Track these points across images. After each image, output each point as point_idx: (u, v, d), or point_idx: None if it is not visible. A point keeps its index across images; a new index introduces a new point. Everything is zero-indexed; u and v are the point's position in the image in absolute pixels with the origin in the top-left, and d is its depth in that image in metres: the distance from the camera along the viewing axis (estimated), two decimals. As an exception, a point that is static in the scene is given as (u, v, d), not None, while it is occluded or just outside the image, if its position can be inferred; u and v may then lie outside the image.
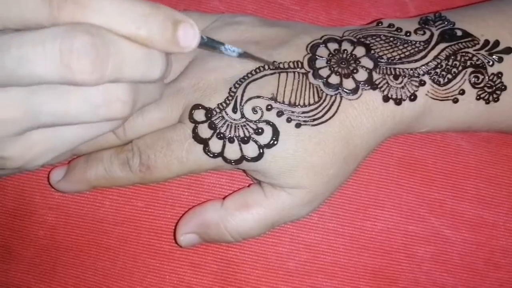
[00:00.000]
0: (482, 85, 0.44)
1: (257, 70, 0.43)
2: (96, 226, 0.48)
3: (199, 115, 0.42)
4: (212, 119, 0.42)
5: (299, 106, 0.42)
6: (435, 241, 0.48)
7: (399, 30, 0.45)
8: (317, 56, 0.44)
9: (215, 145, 0.42)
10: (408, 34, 0.45)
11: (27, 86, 0.34)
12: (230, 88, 0.43)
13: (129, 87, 0.36)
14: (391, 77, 0.43)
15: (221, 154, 0.42)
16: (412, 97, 0.43)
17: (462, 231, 0.48)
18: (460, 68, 0.44)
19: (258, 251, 0.47)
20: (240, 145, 0.42)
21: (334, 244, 0.48)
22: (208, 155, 0.42)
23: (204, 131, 0.42)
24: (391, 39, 0.45)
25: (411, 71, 0.44)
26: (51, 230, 0.48)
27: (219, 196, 0.48)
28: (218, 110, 0.42)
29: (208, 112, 0.42)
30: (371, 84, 0.43)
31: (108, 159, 0.44)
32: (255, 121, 0.42)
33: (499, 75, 0.44)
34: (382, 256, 0.48)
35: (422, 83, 0.43)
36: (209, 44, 0.40)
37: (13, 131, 0.35)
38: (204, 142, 0.42)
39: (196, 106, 0.43)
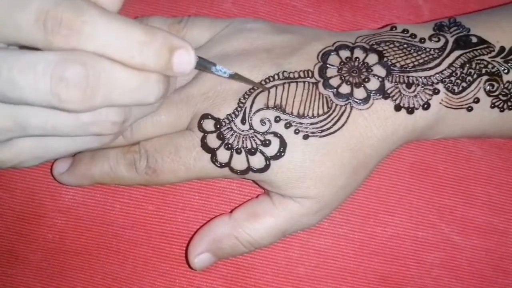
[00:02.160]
0: (497, 93, 0.44)
1: (267, 80, 0.43)
2: (106, 229, 0.48)
3: (208, 125, 0.42)
4: (221, 130, 0.42)
5: (307, 117, 0.42)
6: (445, 247, 0.48)
7: (413, 36, 0.45)
8: (328, 65, 0.43)
9: (223, 155, 0.42)
10: (422, 40, 0.44)
11: (17, 104, 0.34)
12: (240, 99, 0.42)
13: (120, 109, 0.36)
14: (403, 85, 0.43)
15: (228, 165, 0.42)
16: (426, 105, 0.43)
17: (471, 238, 0.48)
18: (475, 76, 0.43)
19: (268, 256, 0.47)
20: (247, 156, 0.42)
21: (344, 250, 0.48)
22: (215, 164, 0.42)
23: (213, 141, 0.42)
24: (405, 45, 0.44)
25: (425, 80, 0.43)
26: (60, 233, 0.48)
27: (230, 200, 0.48)
28: (227, 121, 0.42)
29: (217, 122, 0.42)
30: (383, 93, 0.42)
31: (115, 158, 0.44)
32: (263, 133, 0.42)
33: None
34: (391, 262, 0.48)
35: (436, 92, 0.43)
36: (201, 64, 0.39)
37: (2, 138, 0.36)
38: (212, 152, 0.42)
39: (206, 116, 0.42)
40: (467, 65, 0.43)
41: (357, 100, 0.42)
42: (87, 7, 0.32)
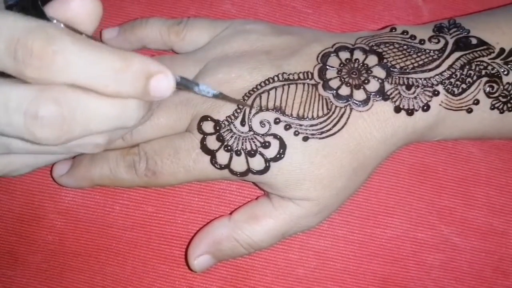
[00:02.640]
0: (496, 94, 0.44)
1: (266, 82, 0.43)
2: (105, 231, 0.48)
3: (208, 126, 0.42)
4: (221, 132, 0.42)
5: (307, 119, 0.42)
6: (444, 249, 0.48)
7: (413, 38, 0.45)
8: (327, 66, 0.43)
9: (222, 157, 0.42)
10: (422, 42, 0.44)
11: None
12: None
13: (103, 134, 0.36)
14: (403, 87, 0.43)
15: (227, 166, 0.42)
16: (425, 107, 0.43)
17: (471, 239, 0.48)
18: (475, 77, 0.43)
19: (268, 257, 0.47)
20: (246, 158, 0.42)
21: (344, 251, 0.48)
22: (215, 166, 0.42)
23: (212, 143, 0.42)
24: (405, 47, 0.44)
25: (425, 81, 0.43)
26: (59, 235, 0.48)
27: (229, 201, 0.48)
28: (226, 123, 0.42)
29: (217, 124, 0.42)
30: (382, 94, 0.42)
31: (114, 160, 0.44)
32: (262, 135, 0.42)
33: None
34: (391, 263, 0.48)
35: (436, 93, 0.43)
36: (183, 84, 0.37)
37: None
38: (212, 154, 0.42)
39: (205, 118, 0.42)
40: (467, 67, 0.43)
41: (356, 102, 0.42)
42: (59, 35, 0.31)
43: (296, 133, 0.42)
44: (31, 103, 0.31)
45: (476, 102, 0.44)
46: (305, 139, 0.42)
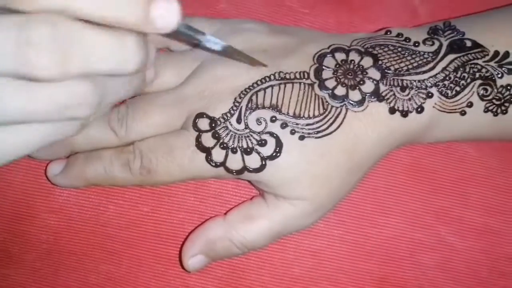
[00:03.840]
0: (490, 97, 0.44)
1: (263, 80, 0.43)
2: (100, 230, 0.48)
3: (203, 124, 0.42)
4: (216, 129, 0.42)
5: (303, 118, 0.42)
6: (441, 249, 0.48)
7: (407, 40, 0.45)
8: (323, 67, 0.43)
9: (218, 154, 0.42)
10: (416, 44, 0.44)
11: None
12: (235, 98, 0.42)
13: (93, 86, 0.32)
14: (398, 88, 0.43)
15: (223, 164, 0.42)
16: (419, 109, 0.43)
17: (467, 239, 0.48)
18: (468, 80, 0.43)
19: (264, 257, 0.47)
20: (242, 155, 0.42)
21: (340, 251, 0.48)
22: (210, 164, 0.42)
23: (208, 140, 0.42)
24: (399, 49, 0.44)
25: (419, 83, 0.43)
26: (54, 234, 0.48)
27: (225, 201, 0.48)
28: (222, 120, 0.42)
29: (213, 121, 0.42)
30: (377, 95, 0.42)
31: (109, 159, 0.44)
32: (258, 133, 0.42)
33: (508, 87, 0.43)
34: (387, 263, 0.48)
35: (429, 95, 0.43)
36: (188, 33, 0.36)
37: None
38: (207, 151, 0.42)
39: (201, 115, 0.42)
40: (461, 69, 0.43)
41: (352, 102, 0.42)
42: None
43: (293, 131, 0.42)
44: (22, 27, 0.28)
45: (470, 104, 0.44)
46: (301, 138, 0.42)
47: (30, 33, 0.28)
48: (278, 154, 0.42)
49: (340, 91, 0.43)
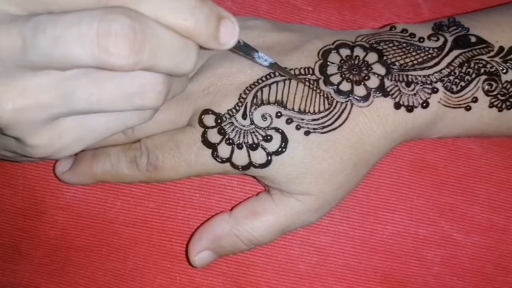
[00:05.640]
0: (495, 92, 0.44)
1: (268, 77, 0.43)
2: (107, 226, 0.48)
3: (209, 120, 0.43)
4: (222, 125, 0.42)
5: (309, 114, 0.42)
6: (445, 245, 0.48)
7: (412, 36, 0.45)
8: (328, 63, 0.43)
9: (224, 150, 0.42)
10: (421, 40, 0.44)
11: (62, 70, 0.33)
12: (240, 94, 0.43)
13: (164, 76, 0.35)
14: (403, 84, 0.43)
15: (229, 160, 0.42)
16: (424, 104, 0.43)
17: (472, 235, 0.48)
18: (473, 75, 0.43)
19: (269, 253, 0.48)
20: (248, 151, 0.42)
21: (345, 247, 0.48)
22: (216, 160, 0.42)
23: (213, 136, 0.42)
24: (404, 45, 0.44)
25: (424, 78, 0.43)
26: (61, 230, 0.48)
27: (230, 197, 0.48)
28: (228, 116, 0.42)
29: (218, 117, 0.42)
30: (382, 91, 0.43)
31: (116, 156, 0.44)
32: (264, 128, 0.42)
33: None
34: (392, 260, 0.48)
35: (434, 91, 0.43)
36: (243, 49, 0.40)
37: (45, 116, 0.34)
38: (213, 147, 0.42)
39: (206, 111, 0.43)
40: (466, 65, 0.44)
41: (357, 98, 0.43)
42: None
43: (298, 127, 0.42)
44: (104, 17, 0.31)
45: (475, 100, 0.44)
46: (307, 133, 0.42)
47: (111, 22, 0.31)
48: (284, 150, 0.42)
49: (345, 86, 0.43)
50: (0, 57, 0.32)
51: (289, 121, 0.42)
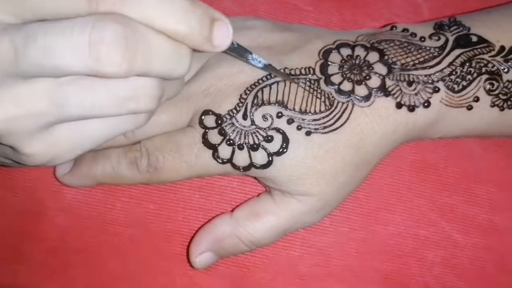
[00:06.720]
0: (497, 92, 0.44)
1: (268, 77, 0.43)
2: (107, 228, 0.48)
3: (209, 121, 0.42)
4: (222, 126, 0.42)
5: (309, 114, 0.42)
6: (446, 246, 0.48)
7: (413, 35, 0.45)
8: (329, 62, 0.43)
9: (224, 151, 0.42)
10: (422, 39, 0.44)
11: (54, 77, 0.33)
12: (241, 95, 0.42)
13: (157, 80, 0.35)
14: (404, 83, 0.43)
15: (230, 161, 0.42)
16: (426, 104, 0.43)
17: (472, 236, 0.48)
18: (475, 75, 0.43)
19: (269, 254, 0.47)
20: (249, 152, 0.42)
21: (345, 248, 0.48)
22: (217, 160, 0.42)
23: (214, 137, 0.42)
24: (405, 44, 0.44)
25: (425, 78, 0.43)
26: (62, 231, 0.48)
27: (230, 198, 0.48)
28: (228, 117, 0.42)
29: (218, 118, 0.42)
30: (384, 90, 0.43)
31: (116, 158, 0.44)
32: (265, 129, 0.42)
33: None
34: (393, 260, 0.48)
35: (436, 90, 0.43)
36: (237, 51, 0.39)
37: (39, 124, 0.34)
38: (214, 148, 0.42)
39: (206, 112, 0.42)
40: (467, 64, 0.43)
41: (358, 97, 0.42)
42: None
43: (299, 127, 0.42)
44: (96, 24, 0.31)
45: (476, 99, 0.44)
46: (308, 133, 0.42)
47: (103, 31, 0.31)
48: (285, 150, 0.42)
49: (346, 86, 0.43)
50: None
51: (290, 121, 0.42)
